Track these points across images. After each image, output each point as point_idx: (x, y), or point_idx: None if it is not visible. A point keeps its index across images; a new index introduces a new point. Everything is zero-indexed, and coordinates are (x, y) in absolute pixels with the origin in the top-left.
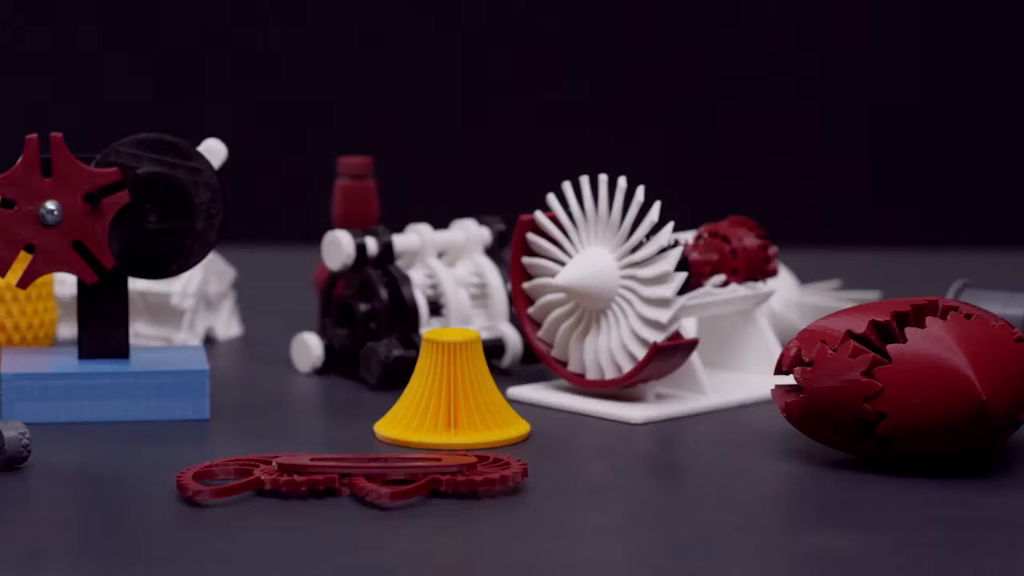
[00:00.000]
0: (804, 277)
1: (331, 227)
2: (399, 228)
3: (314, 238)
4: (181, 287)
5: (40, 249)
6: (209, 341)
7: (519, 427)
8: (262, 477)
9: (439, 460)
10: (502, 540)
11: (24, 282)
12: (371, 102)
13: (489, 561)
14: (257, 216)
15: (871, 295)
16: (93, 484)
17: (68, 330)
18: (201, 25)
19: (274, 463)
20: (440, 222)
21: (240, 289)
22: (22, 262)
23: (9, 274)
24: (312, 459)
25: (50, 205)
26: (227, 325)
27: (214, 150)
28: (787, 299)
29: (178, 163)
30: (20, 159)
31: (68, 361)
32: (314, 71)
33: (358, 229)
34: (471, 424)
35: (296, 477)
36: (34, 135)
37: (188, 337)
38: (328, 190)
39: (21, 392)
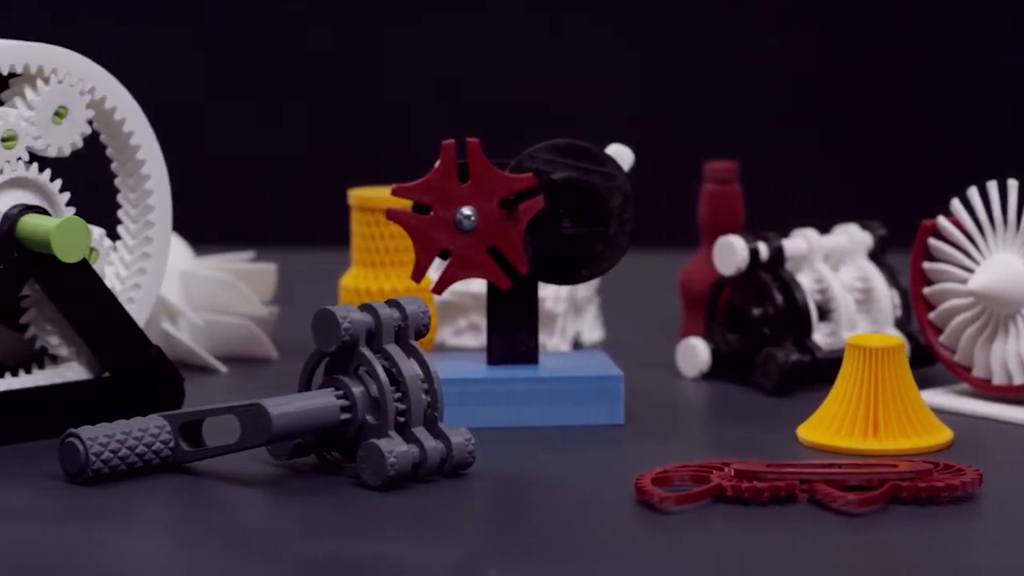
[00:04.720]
0: None
1: (696, 232)
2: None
3: (666, 242)
4: (554, 291)
5: (456, 254)
6: (576, 346)
7: (943, 433)
8: (723, 483)
9: (895, 466)
10: (957, 547)
11: (440, 288)
12: (731, 103)
13: (947, 567)
14: None
15: None
16: (536, 488)
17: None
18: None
19: (728, 469)
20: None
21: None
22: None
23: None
24: (768, 465)
25: (466, 211)
26: (591, 329)
27: (622, 155)
28: None
29: (592, 168)
30: (437, 164)
31: (479, 367)
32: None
33: (750, 234)
34: (900, 428)
35: (756, 484)
36: (451, 141)
37: (559, 342)
38: (688, 193)
39: None
